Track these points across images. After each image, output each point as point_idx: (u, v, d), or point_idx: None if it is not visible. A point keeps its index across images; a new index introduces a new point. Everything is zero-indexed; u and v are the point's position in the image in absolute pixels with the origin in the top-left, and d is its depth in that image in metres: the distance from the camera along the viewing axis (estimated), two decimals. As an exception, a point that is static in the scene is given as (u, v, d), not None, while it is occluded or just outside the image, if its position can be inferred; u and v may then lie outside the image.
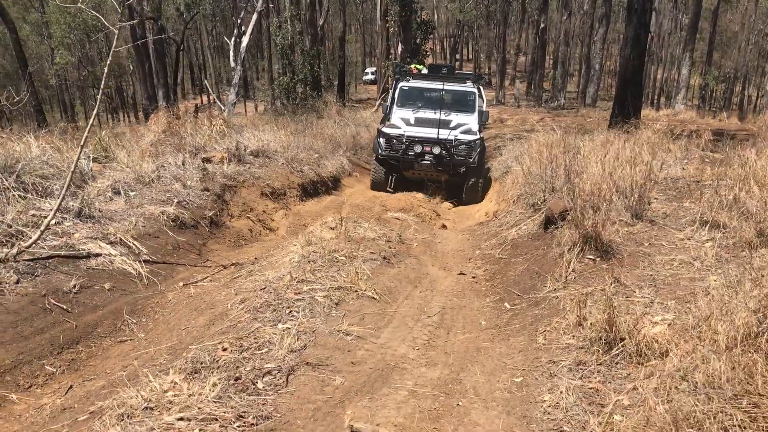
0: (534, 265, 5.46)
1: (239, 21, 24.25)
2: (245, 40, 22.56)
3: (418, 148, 11.34)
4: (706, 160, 8.97)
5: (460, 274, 5.92)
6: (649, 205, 6.22)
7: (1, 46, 28.32)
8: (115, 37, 4.54)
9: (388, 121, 12.23)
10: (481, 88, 13.72)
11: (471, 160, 11.42)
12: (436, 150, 11.32)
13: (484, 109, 12.99)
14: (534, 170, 7.53)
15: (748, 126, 18.84)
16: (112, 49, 4.65)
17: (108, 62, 4.90)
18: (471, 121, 12.16)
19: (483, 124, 12.70)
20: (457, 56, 47.37)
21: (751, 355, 2.81)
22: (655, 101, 38.08)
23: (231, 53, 23.97)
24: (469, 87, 12.91)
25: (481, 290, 5.41)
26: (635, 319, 3.65)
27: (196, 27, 41.21)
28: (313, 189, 10.59)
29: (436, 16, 45.57)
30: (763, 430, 2.54)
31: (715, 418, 2.64)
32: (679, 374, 3.08)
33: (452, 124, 11.80)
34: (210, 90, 32.12)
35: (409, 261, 6.00)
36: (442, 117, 11.93)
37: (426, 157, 11.43)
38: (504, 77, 39.76)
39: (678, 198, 6.56)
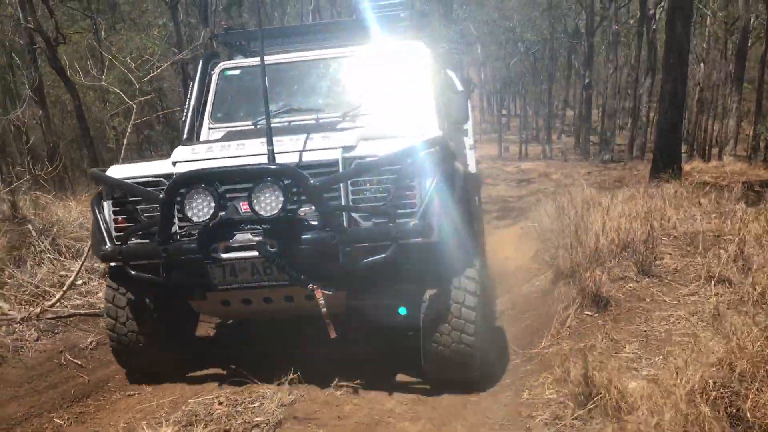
0: (536, 321, 5.55)
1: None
2: None
3: (200, 205, 3.76)
4: (738, 213, 8.90)
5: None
6: (661, 260, 6.24)
7: (68, 112, 29.94)
8: (134, 111, 5.00)
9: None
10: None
11: (413, 224, 3.75)
12: (269, 200, 3.70)
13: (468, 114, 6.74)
14: (548, 226, 7.64)
15: (801, 176, 18.42)
16: (131, 123, 5.12)
17: (126, 135, 5.35)
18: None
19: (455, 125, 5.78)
20: (504, 111, 47.79)
21: (701, 408, 2.88)
22: (706, 153, 37.47)
23: None
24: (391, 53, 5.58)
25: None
26: (612, 374, 3.72)
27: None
28: None
29: (482, 74, 46.34)
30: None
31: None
32: (646, 428, 3.15)
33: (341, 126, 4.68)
34: None
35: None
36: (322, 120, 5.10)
37: (237, 236, 3.92)
38: (551, 132, 39.90)
39: (692, 253, 6.55)
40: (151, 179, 4.12)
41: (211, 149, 4.13)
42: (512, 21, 38.18)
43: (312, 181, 3.69)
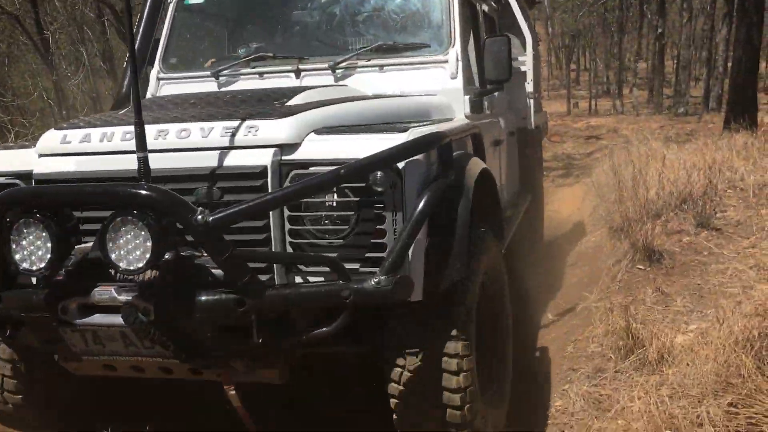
0: (587, 276, 5.48)
1: None
2: None
3: (33, 244, 2.20)
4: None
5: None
6: (723, 212, 6.02)
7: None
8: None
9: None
10: None
11: (376, 282, 2.20)
12: (131, 245, 2.10)
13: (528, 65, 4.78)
14: (607, 181, 7.48)
15: None
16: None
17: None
18: (434, 85, 3.62)
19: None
20: (573, 66, 46.48)
21: (743, 358, 2.82)
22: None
23: None
24: None
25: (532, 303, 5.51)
26: (656, 326, 3.67)
27: None
28: None
29: (549, 28, 45.03)
30: (742, 425, 2.58)
31: (698, 418, 2.70)
32: (686, 380, 3.11)
33: (295, 101, 2.84)
34: None
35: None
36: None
37: (97, 291, 2.29)
38: (622, 85, 38.59)
39: (758, 205, 6.30)
40: (3, 180, 2.69)
41: (88, 137, 2.63)
42: (580, -29, 36.88)
43: (199, 216, 2.11)
